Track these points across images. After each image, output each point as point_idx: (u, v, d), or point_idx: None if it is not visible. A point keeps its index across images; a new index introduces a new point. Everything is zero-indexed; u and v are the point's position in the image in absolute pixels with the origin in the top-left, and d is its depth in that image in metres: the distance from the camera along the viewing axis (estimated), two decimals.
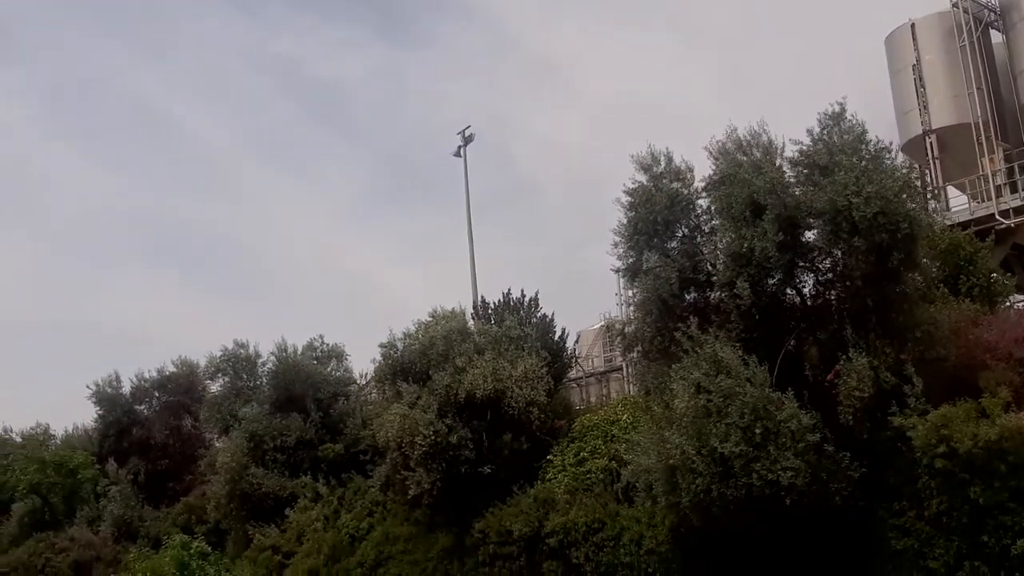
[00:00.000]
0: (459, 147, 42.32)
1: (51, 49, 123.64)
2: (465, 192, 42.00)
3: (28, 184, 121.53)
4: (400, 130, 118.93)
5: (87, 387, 39.46)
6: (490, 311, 26.57)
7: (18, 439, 43.35)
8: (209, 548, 28.30)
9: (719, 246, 17.67)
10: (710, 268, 17.94)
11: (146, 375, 39.76)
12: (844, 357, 15.74)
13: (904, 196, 16.02)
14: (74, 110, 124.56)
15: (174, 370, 39.37)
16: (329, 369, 31.05)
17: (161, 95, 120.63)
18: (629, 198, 18.56)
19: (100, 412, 39.94)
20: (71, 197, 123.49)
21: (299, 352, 30.64)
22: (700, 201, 18.41)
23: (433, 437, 21.18)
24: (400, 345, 24.46)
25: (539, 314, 26.13)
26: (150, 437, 38.56)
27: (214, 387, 34.73)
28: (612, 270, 19.97)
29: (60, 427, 43.40)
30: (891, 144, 17.38)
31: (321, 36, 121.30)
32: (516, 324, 24.56)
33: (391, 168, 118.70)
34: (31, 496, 38.06)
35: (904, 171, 16.96)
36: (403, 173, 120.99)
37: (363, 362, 35.54)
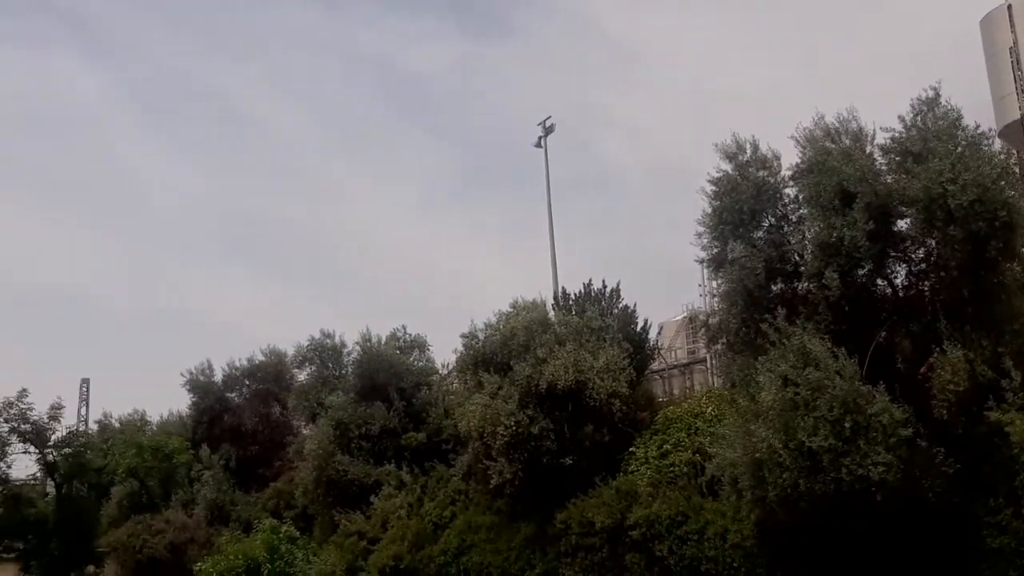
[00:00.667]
0: (539, 138, 42.43)
1: (141, 49, 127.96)
2: (546, 183, 42.11)
3: (123, 181, 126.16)
4: (481, 121, 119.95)
5: (181, 375, 40.99)
6: (571, 302, 26.50)
7: (117, 424, 45.20)
8: (297, 533, 28.99)
9: (807, 236, 17.35)
10: (797, 258, 17.61)
11: (237, 363, 41.11)
12: (938, 350, 15.31)
13: (1002, 183, 15.46)
14: (164, 108, 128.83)
15: (263, 359, 40.57)
16: (412, 359, 31.50)
17: (248, 92, 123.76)
18: (714, 187, 18.34)
19: (194, 399, 41.39)
20: (164, 192, 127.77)
21: (383, 342, 31.17)
22: (787, 190, 18.09)
23: (515, 427, 21.26)
24: (481, 336, 24.59)
25: (621, 305, 25.95)
26: (241, 424, 39.75)
27: (301, 376, 35.70)
28: (696, 260, 19.76)
29: (155, 413, 45.13)
30: (989, 130, 16.76)
31: (404, 29, 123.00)
32: (597, 315, 24.41)
33: (472, 159, 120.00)
34: (130, 480, 39.55)
35: (1002, 157, 16.32)
36: (484, 163, 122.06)
37: (444, 352, 35.90)
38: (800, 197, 17.74)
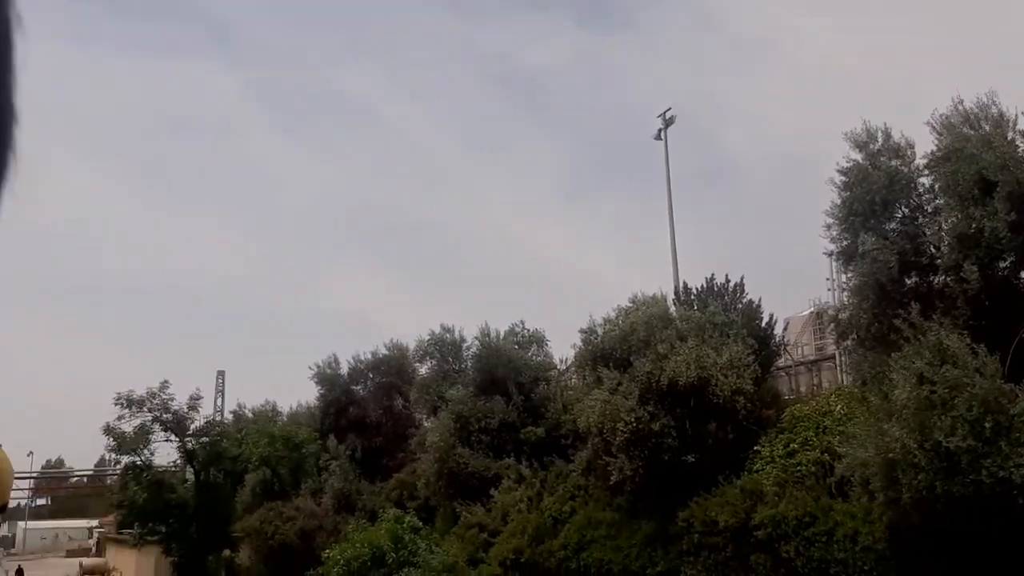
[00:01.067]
0: (659, 130, 41.78)
1: (269, 51, 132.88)
2: (666, 176, 41.49)
3: (257, 180, 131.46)
4: (599, 114, 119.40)
5: (309, 368, 42.33)
6: (693, 297, 26.04)
7: (250, 415, 47.02)
8: (420, 523, 29.51)
9: (943, 227, 16.59)
10: (933, 251, 16.85)
11: (361, 357, 42.15)
12: None
13: None
14: (295, 109, 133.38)
15: (386, 353, 41.48)
16: (530, 354, 31.61)
17: (373, 91, 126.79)
18: (843, 177, 17.76)
19: (321, 391, 42.69)
20: (295, 191, 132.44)
21: (501, 337, 31.40)
22: (922, 179, 17.35)
23: (635, 424, 21.04)
24: (600, 331, 24.48)
25: (745, 300, 25.32)
26: (365, 416, 40.75)
27: (423, 369, 36.36)
28: (825, 253, 19.27)
29: (286, 404, 46.80)
30: None
31: (523, 25, 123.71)
32: (720, 310, 23.92)
33: (591, 152, 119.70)
34: (262, 468, 41.01)
35: None
36: (603, 157, 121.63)
37: (562, 347, 35.87)
38: (936, 186, 17.00)
